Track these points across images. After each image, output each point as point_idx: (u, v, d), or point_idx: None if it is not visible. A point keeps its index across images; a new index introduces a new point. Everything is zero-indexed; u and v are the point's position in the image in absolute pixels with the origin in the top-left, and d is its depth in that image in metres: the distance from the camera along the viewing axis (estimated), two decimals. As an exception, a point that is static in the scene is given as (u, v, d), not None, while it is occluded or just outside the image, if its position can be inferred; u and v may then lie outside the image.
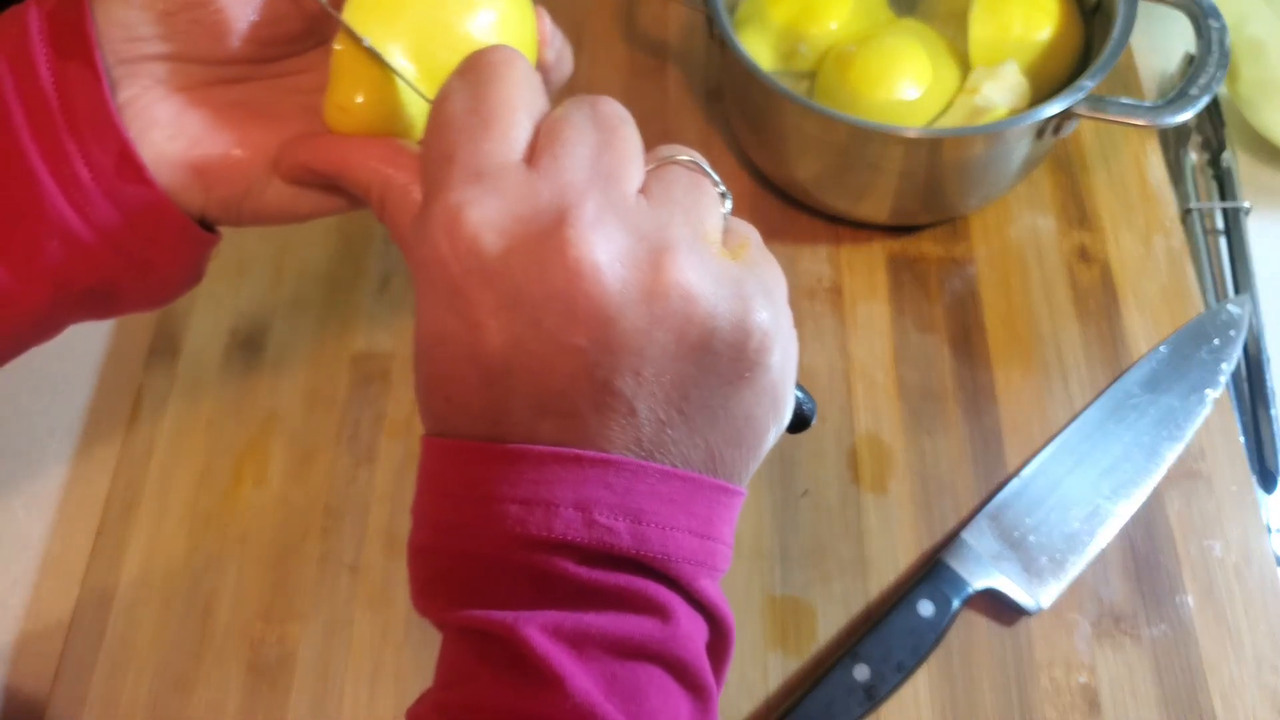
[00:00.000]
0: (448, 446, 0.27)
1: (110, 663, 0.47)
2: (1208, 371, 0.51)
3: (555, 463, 0.25)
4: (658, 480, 0.26)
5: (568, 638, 0.25)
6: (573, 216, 0.25)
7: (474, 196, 0.25)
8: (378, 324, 0.56)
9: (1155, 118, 0.49)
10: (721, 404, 0.26)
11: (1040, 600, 0.46)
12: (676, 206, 0.27)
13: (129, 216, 0.30)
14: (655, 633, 0.25)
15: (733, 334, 0.26)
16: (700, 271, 0.25)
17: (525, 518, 0.25)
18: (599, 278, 0.24)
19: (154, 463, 0.52)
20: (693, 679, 0.26)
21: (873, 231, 0.57)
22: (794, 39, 0.56)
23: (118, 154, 0.29)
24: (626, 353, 0.25)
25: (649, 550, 0.25)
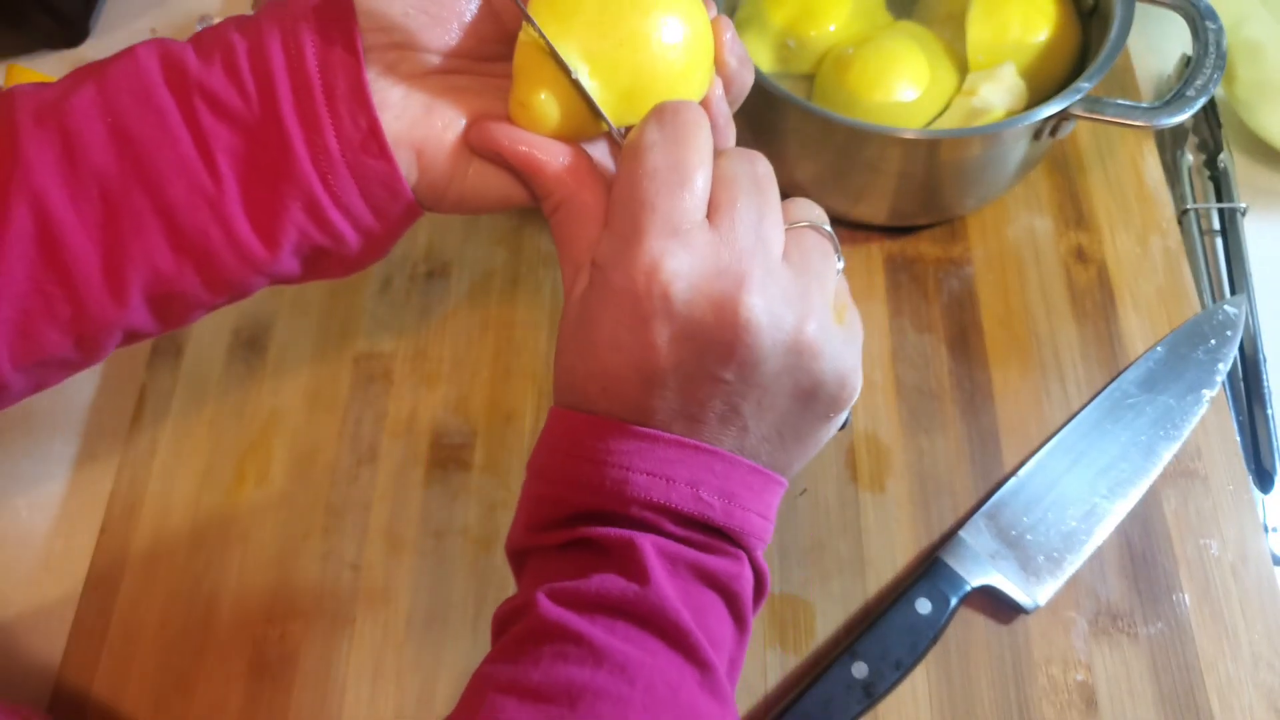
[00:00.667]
0: (592, 421, 0.33)
1: (113, 660, 0.47)
2: (1204, 371, 0.52)
3: (679, 448, 0.33)
4: (747, 473, 0.33)
5: (667, 555, 0.32)
6: (747, 284, 0.31)
7: (672, 250, 0.31)
8: (379, 324, 0.56)
9: (1152, 119, 0.49)
10: (807, 432, 0.35)
11: (1037, 598, 0.46)
12: (813, 277, 0.33)
13: (364, 187, 0.34)
14: (727, 568, 0.33)
15: (834, 389, 0.34)
16: (824, 339, 0.33)
17: (650, 486, 0.32)
18: (758, 335, 0.31)
19: (157, 462, 0.52)
20: (739, 611, 0.33)
21: (871, 232, 0.58)
22: (793, 41, 0.57)
23: (367, 130, 0.33)
24: (758, 388, 0.33)
25: (733, 524, 0.33)
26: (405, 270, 0.58)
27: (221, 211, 0.33)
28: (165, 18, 0.70)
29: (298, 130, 0.33)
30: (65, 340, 0.34)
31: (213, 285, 0.35)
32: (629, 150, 0.33)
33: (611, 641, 0.30)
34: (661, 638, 0.31)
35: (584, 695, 0.29)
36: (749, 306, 0.31)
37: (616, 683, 0.30)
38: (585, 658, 0.30)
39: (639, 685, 0.30)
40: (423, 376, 0.54)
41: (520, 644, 0.31)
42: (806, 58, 0.57)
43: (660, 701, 0.30)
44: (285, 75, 0.33)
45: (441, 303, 0.56)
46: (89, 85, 0.33)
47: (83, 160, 0.32)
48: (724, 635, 0.33)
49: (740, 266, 0.32)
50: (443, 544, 0.49)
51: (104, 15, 0.70)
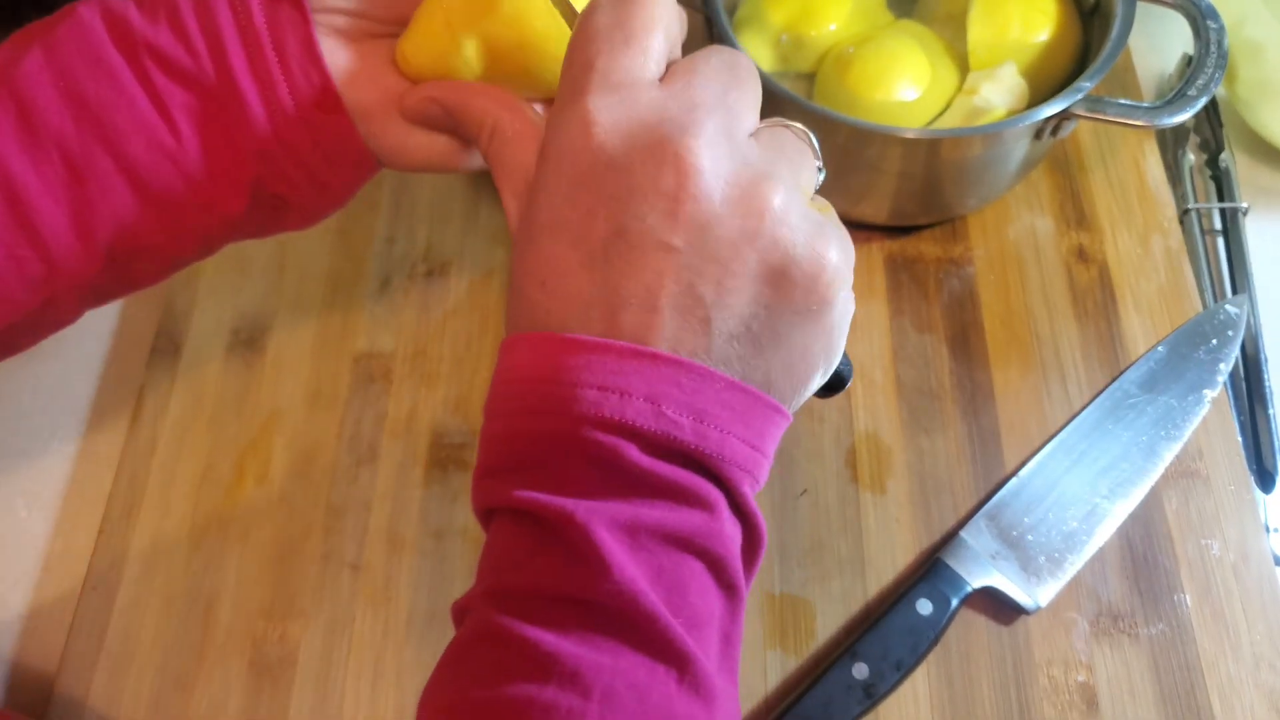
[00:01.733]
0: (534, 338, 0.29)
1: (112, 661, 0.47)
2: (1206, 371, 0.52)
3: (633, 357, 0.28)
4: (722, 388, 0.28)
5: (623, 527, 0.27)
6: (694, 130, 0.28)
7: (609, 103, 0.28)
8: (379, 323, 0.56)
9: (1153, 118, 0.49)
10: (786, 331, 0.29)
11: (1038, 599, 0.46)
12: (781, 155, 0.30)
13: (318, 140, 0.35)
14: (701, 526, 0.28)
15: (810, 266, 0.29)
16: (791, 205, 0.29)
17: (600, 401, 0.27)
18: (705, 185, 0.27)
19: (156, 461, 0.52)
20: (728, 577, 0.28)
21: (871, 232, 0.57)
22: (793, 40, 0.56)
23: (319, 86, 0.34)
24: (713, 261, 0.28)
25: (707, 447, 0.28)
26: (405, 270, 0.57)
27: (184, 166, 0.34)
28: (164, 16, 0.70)
29: (251, 86, 0.33)
30: (35, 300, 0.35)
31: (179, 238, 0.36)
32: (579, 18, 0.30)
33: (562, 645, 0.26)
34: (624, 633, 0.27)
35: (530, 713, 0.26)
36: (692, 150, 0.27)
37: (568, 695, 0.26)
38: (532, 668, 0.26)
39: (595, 695, 0.26)
40: (423, 376, 0.54)
41: (465, 652, 0.28)
42: (807, 57, 0.57)
43: (622, 711, 0.26)
44: (235, 33, 0.33)
45: (441, 302, 0.56)
46: (35, 50, 0.33)
47: (40, 125, 0.32)
48: (710, 610, 0.28)
49: (688, 116, 0.28)
50: (443, 544, 0.49)
51: (103, 14, 0.70)
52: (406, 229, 0.59)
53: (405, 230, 0.59)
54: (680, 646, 0.27)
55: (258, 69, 0.33)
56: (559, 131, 0.29)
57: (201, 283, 0.57)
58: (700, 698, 0.27)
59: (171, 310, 0.56)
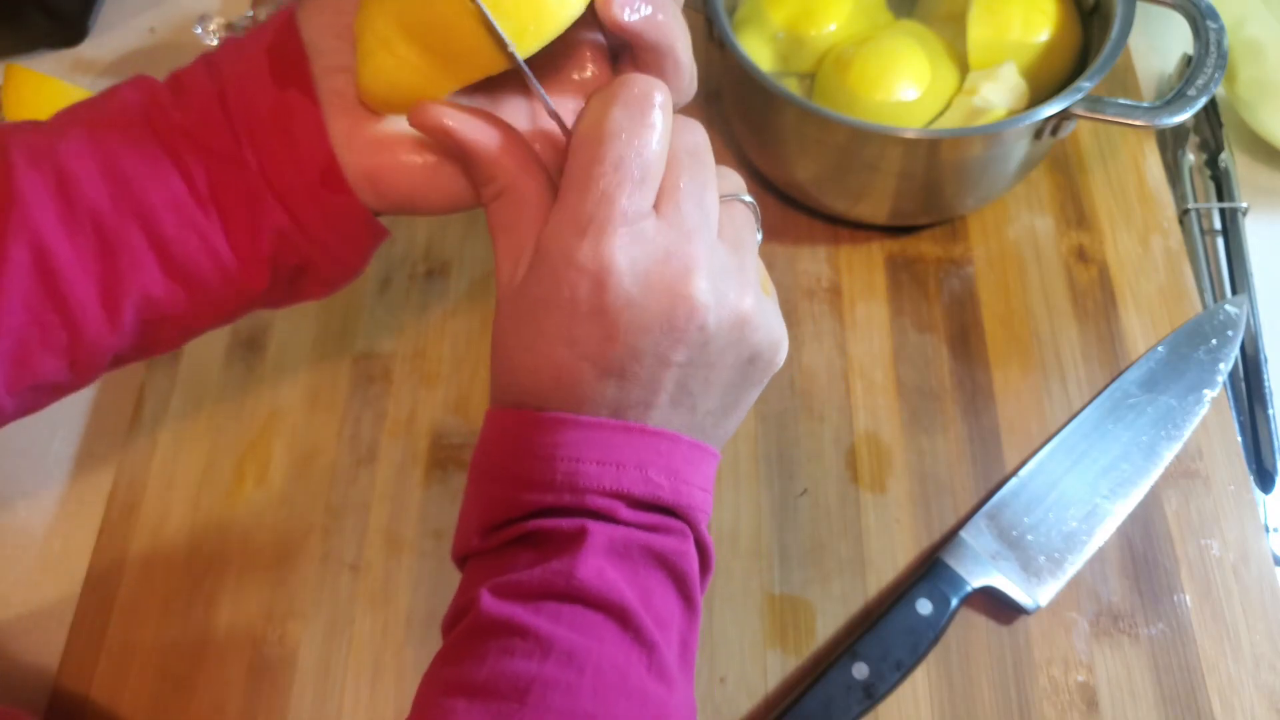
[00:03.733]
0: (541, 417, 0.33)
1: (112, 661, 0.47)
2: (1205, 371, 0.52)
3: (624, 433, 0.33)
4: (687, 448, 0.34)
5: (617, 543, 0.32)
6: (694, 268, 0.32)
7: (625, 243, 0.32)
8: (378, 324, 0.56)
9: (1153, 118, 0.49)
10: (744, 399, 0.36)
11: (1038, 599, 0.46)
12: (746, 252, 0.35)
13: (327, 216, 0.36)
14: (676, 547, 0.33)
15: (769, 355, 0.35)
16: (759, 310, 0.34)
17: (601, 475, 0.32)
18: (707, 316, 0.32)
19: (155, 462, 0.52)
20: (688, 590, 0.34)
21: (871, 232, 0.57)
22: (793, 40, 0.56)
23: (324, 167, 0.35)
24: (705, 366, 0.33)
25: (680, 500, 0.34)
26: (404, 270, 0.57)
27: (210, 242, 0.35)
28: (164, 17, 0.70)
29: (263, 169, 0.35)
30: (60, 365, 0.36)
31: (202, 311, 0.37)
32: (591, 131, 0.32)
33: (557, 631, 0.30)
34: (608, 622, 0.31)
35: (533, 687, 0.30)
36: (699, 290, 0.32)
37: (565, 671, 0.30)
38: (531, 650, 0.30)
39: (588, 672, 0.30)
40: (422, 376, 0.54)
41: (466, 642, 0.31)
42: (807, 57, 0.57)
43: (609, 686, 0.30)
44: (245, 118, 0.35)
45: (441, 302, 0.56)
46: (79, 126, 0.35)
47: (78, 198, 0.34)
48: (672, 615, 0.33)
49: (687, 249, 0.32)
50: (442, 544, 0.49)
51: (103, 14, 0.70)
52: (406, 229, 0.59)
53: (405, 230, 0.59)
54: (650, 636, 0.32)
55: (266, 152, 0.35)
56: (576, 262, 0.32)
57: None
58: (663, 682, 0.32)
59: (171, 311, 0.56)
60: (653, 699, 0.31)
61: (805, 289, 0.56)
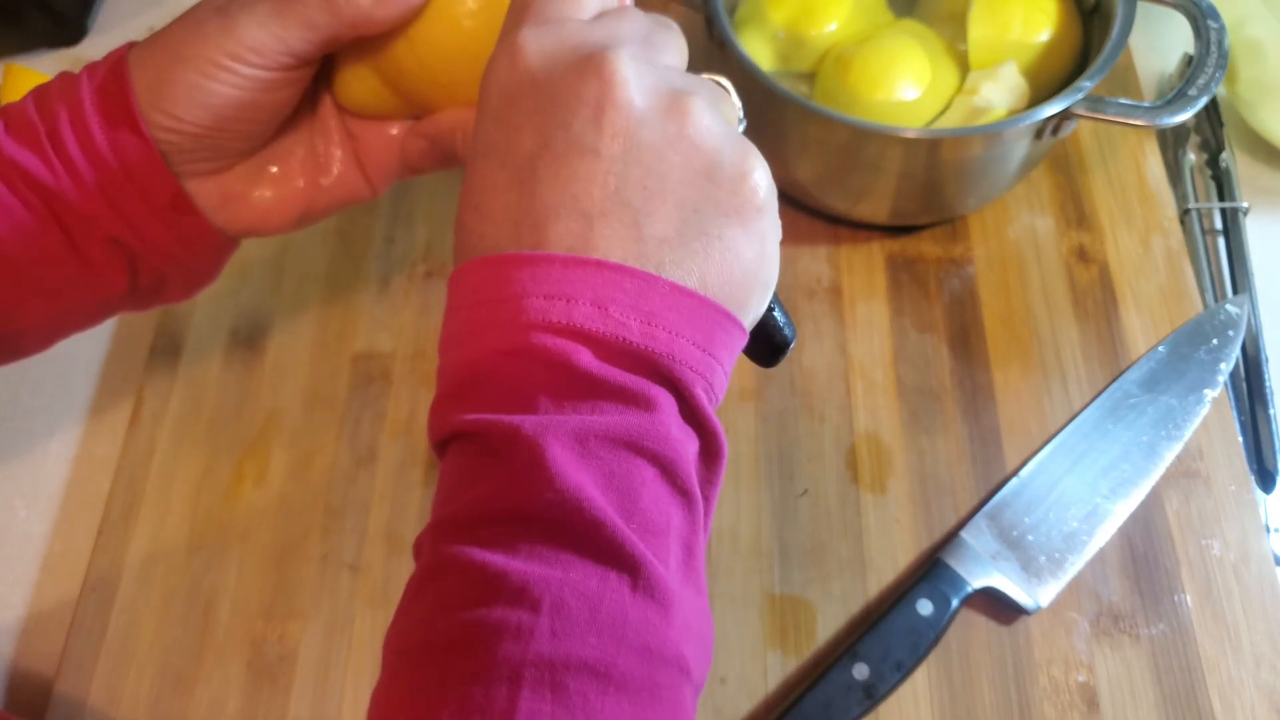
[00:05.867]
0: (475, 263, 0.29)
1: (111, 662, 0.47)
2: (1206, 371, 0.51)
3: (576, 266, 0.28)
4: (668, 291, 0.28)
5: (572, 434, 0.27)
6: (616, 47, 0.29)
7: (537, 33, 0.29)
8: (378, 324, 0.56)
9: (1154, 118, 0.49)
10: (716, 233, 0.29)
11: (1039, 599, 0.46)
12: (703, 87, 0.31)
13: (179, 238, 0.38)
14: (650, 428, 0.27)
15: (733, 169, 0.29)
16: (713, 116, 0.30)
17: (547, 308, 0.27)
18: (628, 92, 0.28)
19: (155, 462, 0.52)
20: (681, 482, 0.28)
21: (872, 232, 0.57)
22: (793, 40, 0.56)
23: (171, 195, 0.37)
24: (638, 165, 0.28)
25: (656, 346, 0.28)
26: (404, 270, 0.57)
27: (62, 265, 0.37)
28: (163, 17, 0.70)
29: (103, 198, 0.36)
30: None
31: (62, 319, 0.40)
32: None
33: (511, 564, 0.26)
34: (572, 543, 0.26)
35: (478, 635, 0.25)
36: (614, 60, 0.28)
37: (516, 612, 0.25)
38: (479, 591, 0.26)
39: (544, 608, 0.25)
40: (422, 377, 0.54)
41: (417, 590, 0.28)
42: (807, 56, 0.57)
43: (574, 621, 0.25)
44: (83, 155, 0.36)
45: (440, 302, 0.56)
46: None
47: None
48: (665, 516, 0.28)
49: (612, 39, 0.30)
50: (442, 545, 0.49)
51: (102, 13, 0.70)
52: (406, 229, 0.59)
53: (405, 230, 0.59)
54: (631, 551, 0.26)
55: (107, 183, 0.36)
56: (491, 65, 0.30)
57: (201, 283, 0.57)
58: (656, 602, 0.27)
59: (171, 311, 0.56)
60: (635, 627, 0.26)
61: (805, 289, 0.56)
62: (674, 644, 0.27)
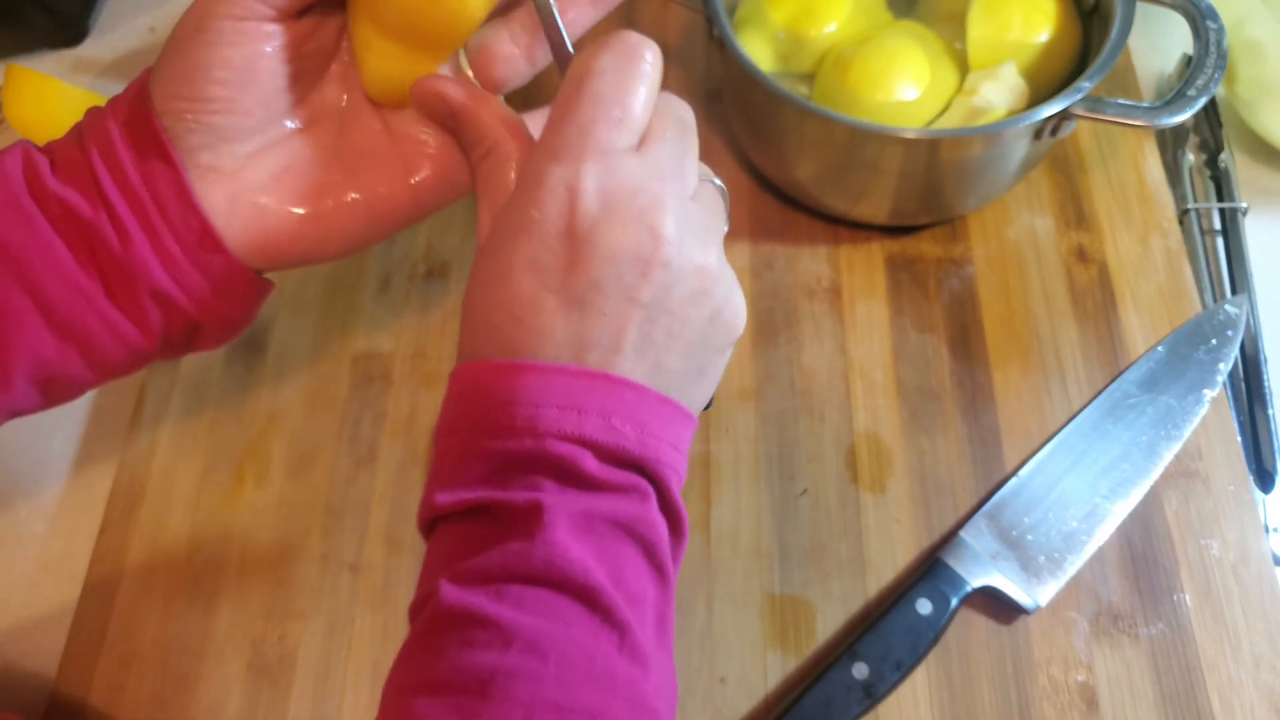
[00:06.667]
0: (499, 365, 0.33)
1: (112, 661, 0.47)
2: (1205, 371, 0.52)
3: (588, 380, 0.32)
4: (656, 402, 0.33)
5: (577, 514, 0.31)
6: (663, 203, 0.32)
7: (597, 171, 0.32)
8: (378, 324, 0.56)
9: (1153, 118, 0.49)
10: (708, 365, 0.35)
11: (1038, 599, 0.46)
12: (713, 217, 0.35)
13: (211, 279, 0.38)
14: (639, 514, 0.32)
15: (729, 314, 0.35)
16: (723, 268, 0.34)
17: (562, 419, 0.31)
18: (672, 254, 0.32)
19: (156, 462, 0.52)
20: (658, 560, 0.33)
21: (871, 232, 0.57)
22: (793, 40, 0.56)
23: (199, 230, 0.37)
24: (668, 314, 0.33)
25: (648, 453, 0.32)
26: (404, 270, 0.57)
27: (97, 305, 0.37)
28: (164, 17, 0.70)
29: (141, 237, 0.36)
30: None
31: (95, 367, 0.39)
32: (576, 70, 0.34)
33: (520, 617, 0.30)
34: (574, 603, 0.30)
35: (495, 678, 0.29)
36: (667, 226, 0.32)
37: (528, 660, 0.29)
38: (492, 639, 0.29)
39: (552, 659, 0.29)
40: (422, 376, 0.54)
41: (427, 636, 0.31)
42: (807, 57, 0.57)
43: (575, 672, 0.29)
44: (116, 189, 0.36)
45: (440, 302, 0.56)
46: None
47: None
48: (644, 590, 0.32)
49: (659, 188, 0.32)
50: (442, 544, 0.49)
51: (103, 14, 0.70)
52: (406, 230, 0.59)
53: (405, 231, 0.59)
54: (620, 616, 0.30)
55: (143, 221, 0.36)
56: (545, 186, 0.32)
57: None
58: (636, 662, 0.31)
59: (171, 311, 0.56)
60: (623, 681, 0.30)
61: (805, 289, 0.56)
62: (651, 699, 0.31)
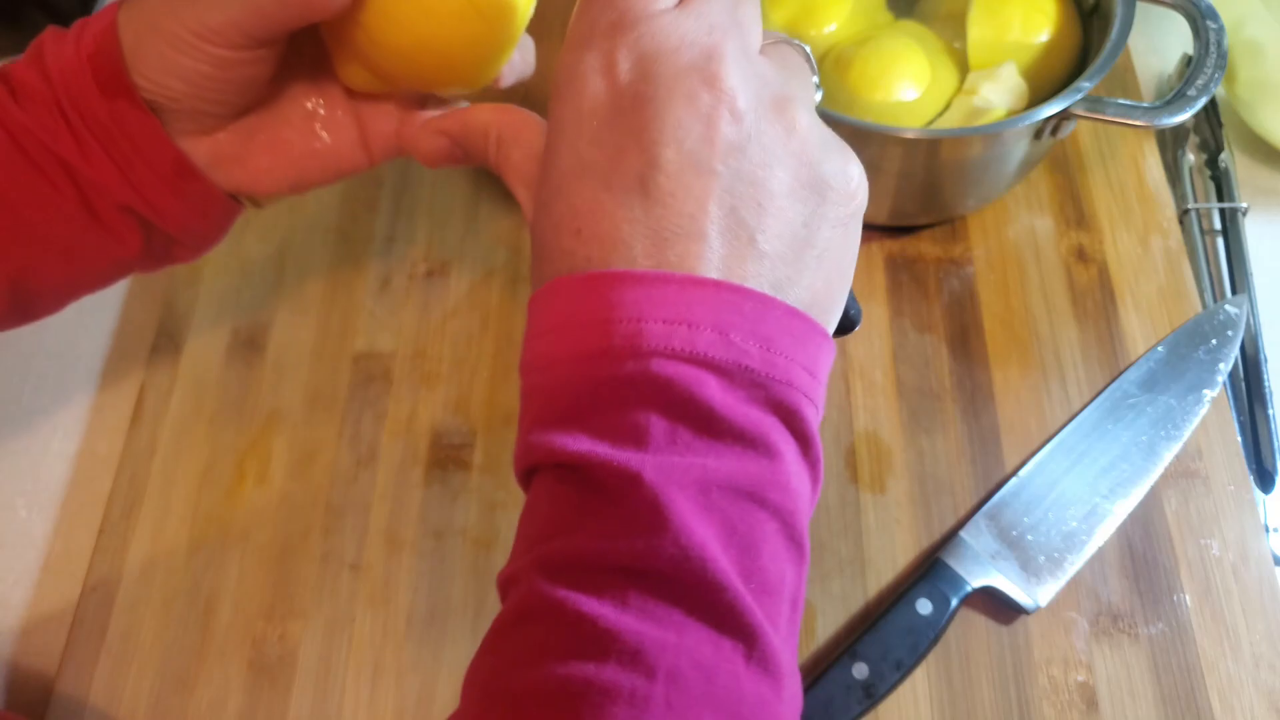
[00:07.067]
0: (577, 279, 0.27)
1: (112, 661, 0.47)
2: (1205, 371, 0.52)
3: (695, 287, 0.26)
4: (783, 314, 0.27)
5: (694, 483, 0.25)
6: (720, 53, 0.27)
7: (629, 40, 0.27)
8: (378, 324, 0.56)
9: (1153, 118, 0.49)
10: (825, 246, 0.28)
11: (1038, 599, 0.46)
12: (790, 72, 0.29)
13: (184, 201, 0.38)
14: (773, 477, 0.26)
15: (837, 178, 0.28)
16: (816, 123, 0.28)
17: (670, 334, 0.26)
18: (739, 106, 0.27)
19: (156, 461, 0.52)
20: (798, 536, 0.27)
21: (871, 232, 0.57)
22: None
23: (173, 160, 0.37)
24: (751, 183, 0.27)
25: (775, 374, 0.26)
26: (405, 270, 0.57)
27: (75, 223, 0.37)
28: (164, 16, 0.70)
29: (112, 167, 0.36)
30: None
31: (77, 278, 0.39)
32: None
33: (623, 620, 0.24)
34: (689, 605, 0.24)
35: (588, 695, 0.23)
36: (727, 73, 0.27)
37: (630, 676, 0.23)
38: (588, 646, 0.24)
39: (660, 675, 0.23)
40: (422, 376, 0.54)
41: (512, 629, 0.26)
42: (807, 57, 0.57)
43: (689, 693, 0.24)
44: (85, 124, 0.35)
45: (441, 302, 0.56)
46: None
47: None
48: (781, 574, 0.26)
49: (711, 39, 0.27)
50: (442, 544, 0.49)
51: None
52: (406, 229, 0.59)
53: (405, 230, 0.59)
54: (749, 619, 0.25)
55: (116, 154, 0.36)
56: (576, 76, 0.28)
57: (202, 283, 0.57)
58: (769, 676, 0.25)
59: (172, 310, 0.56)
60: (751, 702, 0.24)
61: (805, 289, 0.56)
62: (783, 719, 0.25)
